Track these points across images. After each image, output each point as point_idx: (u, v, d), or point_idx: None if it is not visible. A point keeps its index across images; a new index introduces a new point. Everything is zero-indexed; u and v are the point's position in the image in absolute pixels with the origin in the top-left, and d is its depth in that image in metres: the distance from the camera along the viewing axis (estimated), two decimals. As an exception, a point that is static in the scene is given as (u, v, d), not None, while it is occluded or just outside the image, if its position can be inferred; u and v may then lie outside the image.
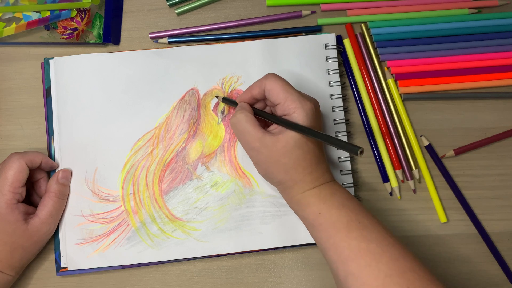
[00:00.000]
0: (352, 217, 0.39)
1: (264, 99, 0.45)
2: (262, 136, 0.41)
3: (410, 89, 0.52)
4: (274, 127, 0.44)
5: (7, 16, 0.52)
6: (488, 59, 0.53)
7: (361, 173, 0.52)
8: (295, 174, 0.41)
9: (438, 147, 0.52)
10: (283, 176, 0.42)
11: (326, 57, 0.51)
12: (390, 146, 0.51)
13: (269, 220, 0.49)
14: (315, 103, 0.43)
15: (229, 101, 0.48)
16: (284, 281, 0.50)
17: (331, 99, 0.51)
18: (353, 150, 0.36)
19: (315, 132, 0.39)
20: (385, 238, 0.38)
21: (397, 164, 0.51)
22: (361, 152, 0.36)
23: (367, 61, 0.53)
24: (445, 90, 0.53)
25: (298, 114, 0.41)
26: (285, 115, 0.42)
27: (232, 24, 0.54)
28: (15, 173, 0.44)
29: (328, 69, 0.51)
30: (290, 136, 0.41)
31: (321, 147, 0.43)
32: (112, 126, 0.50)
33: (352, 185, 0.50)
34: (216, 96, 0.50)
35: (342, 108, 0.51)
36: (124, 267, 0.48)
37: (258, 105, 0.46)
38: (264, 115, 0.44)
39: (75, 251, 0.48)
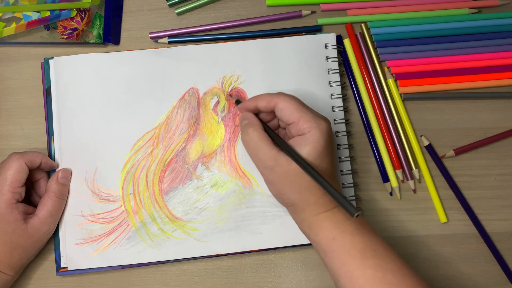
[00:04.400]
0: (367, 244, 0.38)
1: (268, 112, 0.44)
2: (276, 154, 0.40)
3: (410, 89, 0.53)
4: (297, 138, 0.42)
5: (7, 16, 0.52)
6: (488, 59, 0.53)
7: (361, 173, 0.52)
8: (308, 195, 0.40)
9: (438, 147, 0.52)
10: (296, 197, 0.41)
11: (326, 57, 0.51)
12: (390, 146, 0.51)
13: (269, 220, 0.49)
14: (328, 123, 0.41)
15: (238, 101, 0.47)
16: (284, 281, 0.50)
17: (331, 99, 0.51)
18: (351, 211, 0.35)
19: (317, 176, 0.38)
20: (401, 269, 0.37)
21: (397, 164, 0.51)
22: (357, 216, 0.35)
23: (367, 61, 0.53)
24: (445, 90, 0.53)
25: (313, 134, 0.39)
26: (299, 135, 0.41)
27: (232, 24, 0.54)
28: (15, 173, 0.44)
29: (328, 69, 0.51)
30: (306, 155, 0.39)
31: (334, 168, 0.42)
32: (112, 126, 0.50)
33: (352, 185, 0.50)
34: (231, 95, 0.49)
35: (342, 108, 0.51)
36: (124, 267, 0.48)
37: (265, 116, 0.45)
38: (274, 137, 0.42)
39: (75, 251, 0.48)
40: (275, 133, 0.43)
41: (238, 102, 0.47)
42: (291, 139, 0.41)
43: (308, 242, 0.48)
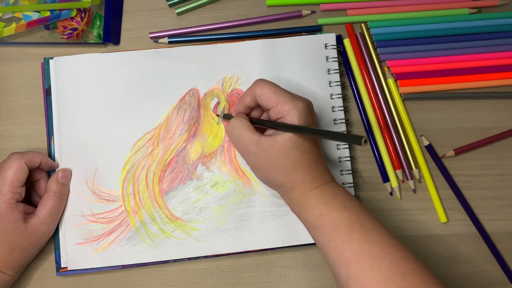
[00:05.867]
0: (354, 219, 0.39)
1: (258, 106, 0.45)
2: (258, 139, 0.41)
3: (410, 89, 0.53)
4: (269, 131, 0.44)
5: (7, 16, 0.52)
6: (488, 59, 0.53)
7: (361, 173, 0.52)
8: (294, 175, 0.41)
9: (438, 147, 0.52)
10: (283, 178, 0.41)
11: (326, 57, 0.51)
12: (390, 146, 0.51)
13: (269, 220, 0.49)
14: (307, 102, 0.42)
15: (229, 116, 0.47)
16: (284, 281, 0.50)
17: (331, 99, 0.51)
18: (356, 140, 0.35)
19: (314, 130, 0.39)
20: (387, 240, 0.38)
21: (397, 164, 0.51)
22: (365, 141, 0.34)
23: (367, 61, 0.53)
24: (445, 90, 0.53)
25: (292, 115, 0.40)
26: (279, 118, 0.42)
27: (232, 24, 0.54)
28: (15, 173, 0.44)
29: (328, 69, 0.51)
30: (287, 137, 0.40)
31: (318, 147, 0.43)
32: (112, 126, 0.50)
33: (352, 185, 0.50)
34: (217, 115, 0.50)
35: (342, 108, 0.51)
36: (124, 267, 0.48)
37: (255, 113, 0.46)
38: (260, 122, 0.44)
39: (75, 251, 0.48)
40: (257, 119, 0.44)
41: (226, 115, 0.48)
42: None
43: (308, 242, 0.48)
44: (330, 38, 0.52)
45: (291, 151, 0.40)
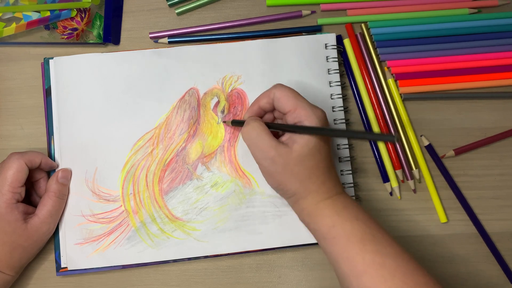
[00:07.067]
0: (366, 231, 0.39)
1: (272, 110, 0.45)
2: (277, 144, 0.41)
3: (410, 89, 0.52)
4: (284, 138, 0.43)
5: (7, 16, 0.52)
6: (488, 59, 0.53)
7: (361, 173, 0.52)
8: (309, 184, 0.41)
9: (438, 147, 0.52)
10: (297, 187, 0.41)
11: (326, 57, 0.51)
12: (390, 146, 0.51)
13: (269, 220, 0.49)
14: (325, 113, 0.42)
15: (239, 122, 0.47)
16: (284, 281, 0.50)
17: (331, 99, 0.51)
18: (389, 139, 0.35)
19: (339, 131, 0.38)
20: (399, 253, 0.38)
21: (397, 164, 0.51)
22: (398, 139, 0.35)
23: (367, 61, 0.53)
24: (445, 90, 0.53)
25: (311, 121, 0.40)
26: (296, 123, 0.41)
27: (232, 24, 0.54)
28: (15, 172, 0.44)
29: (328, 69, 0.51)
30: (304, 144, 0.40)
31: (331, 157, 0.43)
32: (112, 126, 0.50)
33: (352, 185, 0.50)
34: (224, 122, 0.50)
35: (342, 108, 0.51)
36: (124, 267, 0.48)
37: (266, 118, 0.46)
38: (277, 126, 0.43)
39: (75, 251, 0.48)
40: (277, 124, 0.43)
41: (234, 121, 0.48)
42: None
43: (308, 242, 0.48)
44: (330, 38, 0.52)
45: (307, 159, 0.40)
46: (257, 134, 0.42)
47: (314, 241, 0.48)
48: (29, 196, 0.49)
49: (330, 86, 0.51)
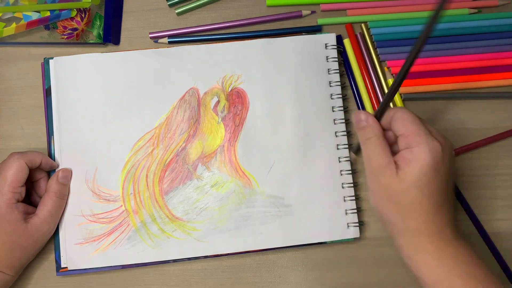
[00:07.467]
0: None
1: (388, 129, 0.41)
2: (387, 163, 0.37)
3: (410, 89, 0.53)
4: (404, 152, 0.38)
5: (7, 16, 0.52)
6: (488, 59, 0.53)
7: (361, 173, 0.52)
8: (408, 219, 0.37)
9: (438, 147, 0.52)
10: (394, 216, 0.38)
11: (326, 57, 0.51)
12: (390, 146, 0.51)
13: (269, 220, 0.49)
14: (444, 145, 0.37)
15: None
16: (284, 281, 0.50)
17: (331, 99, 0.51)
18: None
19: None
20: None
21: (397, 164, 0.51)
22: None
23: (367, 61, 0.53)
24: (445, 90, 0.53)
25: (421, 149, 0.36)
26: (406, 148, 0.38)
27: (232, 24, 0.54)
28: (15, 172, 0.44)
29: (328, 69, 0.51)
30: (412, 173, 0.36)
31: (449, 190, 0.38)
32: (112, 126, 0.50)
33: (352, 185, 0.50)
34: (354, 152, 0.47)
35: (342, 108, 0.51)
36: (124, 267, 0.48)
37: None
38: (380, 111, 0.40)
39: (75, 251, 0.48)
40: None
41: (358, 149, 0.45)
42: (397, 154, 0.38)
43: (308, 242, 0.48)
44: (330, 38, 0.52)
45: (411, 190, 0.36)
46: (372, 146, 0.39)
47: (314, 241, 0.48)
48: (29, 196, 0.49)
49: (330, 86, 0.51)
